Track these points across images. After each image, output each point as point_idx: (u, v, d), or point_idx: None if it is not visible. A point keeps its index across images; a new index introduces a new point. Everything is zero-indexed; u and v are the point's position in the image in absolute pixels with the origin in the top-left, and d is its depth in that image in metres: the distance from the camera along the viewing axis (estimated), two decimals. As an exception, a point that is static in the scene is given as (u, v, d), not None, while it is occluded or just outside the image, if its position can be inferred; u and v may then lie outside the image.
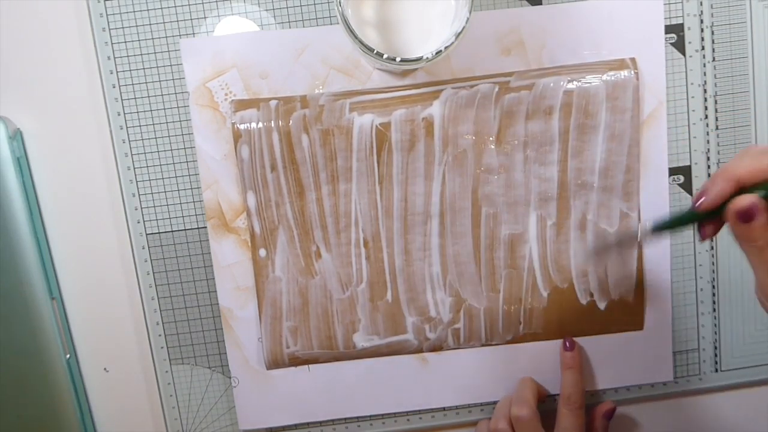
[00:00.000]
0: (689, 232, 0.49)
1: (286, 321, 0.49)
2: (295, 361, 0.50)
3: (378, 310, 0.49)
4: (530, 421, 0.46)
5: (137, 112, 0.47)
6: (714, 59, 0.48)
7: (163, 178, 0.48)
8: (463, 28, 0.39)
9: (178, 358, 0.50)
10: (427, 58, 0.39)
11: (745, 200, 0.34)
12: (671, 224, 0.38)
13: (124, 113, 0.47)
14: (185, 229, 0.49)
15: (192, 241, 0.49)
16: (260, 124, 0.46)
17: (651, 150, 0.48)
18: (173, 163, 0.48)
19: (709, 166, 0.49)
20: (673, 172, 0.49)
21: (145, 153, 0.48)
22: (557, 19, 0.47)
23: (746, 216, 0.34)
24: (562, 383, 0.48)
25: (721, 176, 0.35)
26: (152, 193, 0.48)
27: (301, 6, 0.46)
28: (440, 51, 0.39)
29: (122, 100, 0.47)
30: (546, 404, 0.51)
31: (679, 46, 0.48)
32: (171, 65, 0.47)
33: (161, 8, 0.46)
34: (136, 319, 0.50)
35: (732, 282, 0.50)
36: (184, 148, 0.48)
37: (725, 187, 0.35)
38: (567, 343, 0.49)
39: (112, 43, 0.46)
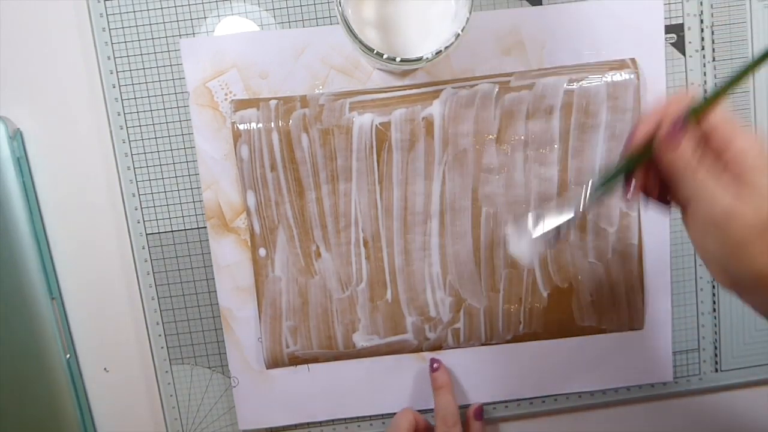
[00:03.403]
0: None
1: (286, 321, 0.49)
2: (295, 361, 0.50)
3: (378, 309, 0.49)
4: None
5: (137, 112, 0.47)
6: (714, 59, 0.48)
7: (163, 178, 0.48)
8: (463, 28, 0.39)
9: (178, 358, 0.50)
10: (427, 58, 0.39)
11: (668, 123, 0.33)
12: (606, 181, 0.36)
13: (124, 113, 0.47)
14: (185, 229, 0.49)
15: (192, 241, 0.49)
16: (260, 124, 0.46)
17: (651, 150, 0.48)
18: (173, 163, 0.48)
19: (709, 166, 0.49)
20: (673, 172, 0.49)
21: (145, 153, 0.48)
22: (557, 19, 0.47)
23: (674, 137, 0.33)
24: (435, 404, 0.48)
25: (643, 116, 0.35)
26: (152, 193, 0.48)
27: (301, 6, 0.46)
28: (440, 51, 0.39)
29: (122, 100, 0.47)
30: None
31: (679, 46, 0.48)
32: (171, 65, 0.47)
33: (161, 8, 0.46)
34: (136, 319, 0.50)
35: (732, 282, 0.50)
36: (184, 148, 0.48)
37: (651, 123, 0.34)
38: (434, 364, 0.49)
39: (112, 43, 0.46)
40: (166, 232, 0.49)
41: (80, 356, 0.50)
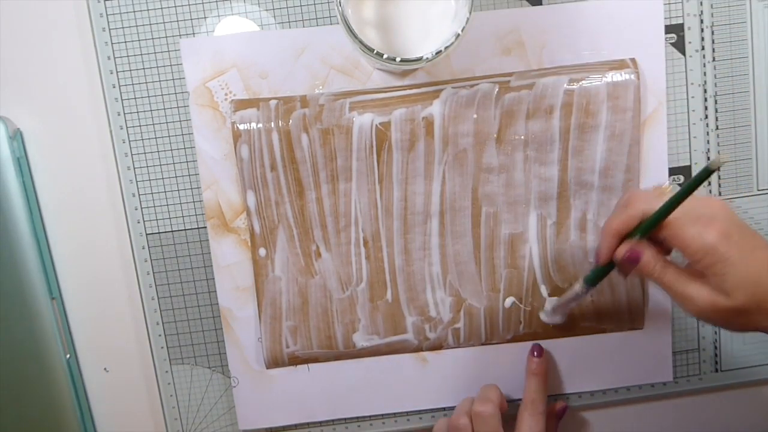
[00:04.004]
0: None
1: (286, 321, 0.49)
2: (295, 361, 0.50)
3: (378, 309, 0.49)
4: (491, 416, 0.46)
5: (137, 112, 0.47)
6: (714, 59, 0.48)
7: (163, 178, 0.48)
8: (463, 28, 0.39)
9: (178, 358, 0.50)
10: (427, 58, 0.39)
11: (622, 249, 0.39)
12: (596, 278, 0.43)
13: (124, 113, 0.47)
14: (185, 229, 0.49)
15: (192, 241, 0.49)
16: (260, 124, 0.46)
17: (651, 150, 0.48)
18: (173, 163, 0.48)
19: (709, 166, 0.49)
20: (673, 172, 0.49)
21: (145, 153, 0.48)
22: (557, 19, 0.47)
23: (631, 260, 0.39)
24: (526, 388, 0.48)
25: (603, 234, 0.40)
26: (152, 193, 0.48)
27: (301, 6, 0.46)
28: (440, 51, 0.39)
29: (122, 100, 0.47)
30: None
31: (679, 46, 0.48)
32: (171, 65, 0.47)
33: (161, 8, 0.46)
34: (136, 319, 0.50)
35: (732, 282, 0.50)
36: (184, 148, 0.48)
37: (610, 242, 0.40)
38: (535, 351, 0.49)
39: (112, 43, 0.46)
40: (166, 232, 0.49)
41: (80, 356, 0.50)
